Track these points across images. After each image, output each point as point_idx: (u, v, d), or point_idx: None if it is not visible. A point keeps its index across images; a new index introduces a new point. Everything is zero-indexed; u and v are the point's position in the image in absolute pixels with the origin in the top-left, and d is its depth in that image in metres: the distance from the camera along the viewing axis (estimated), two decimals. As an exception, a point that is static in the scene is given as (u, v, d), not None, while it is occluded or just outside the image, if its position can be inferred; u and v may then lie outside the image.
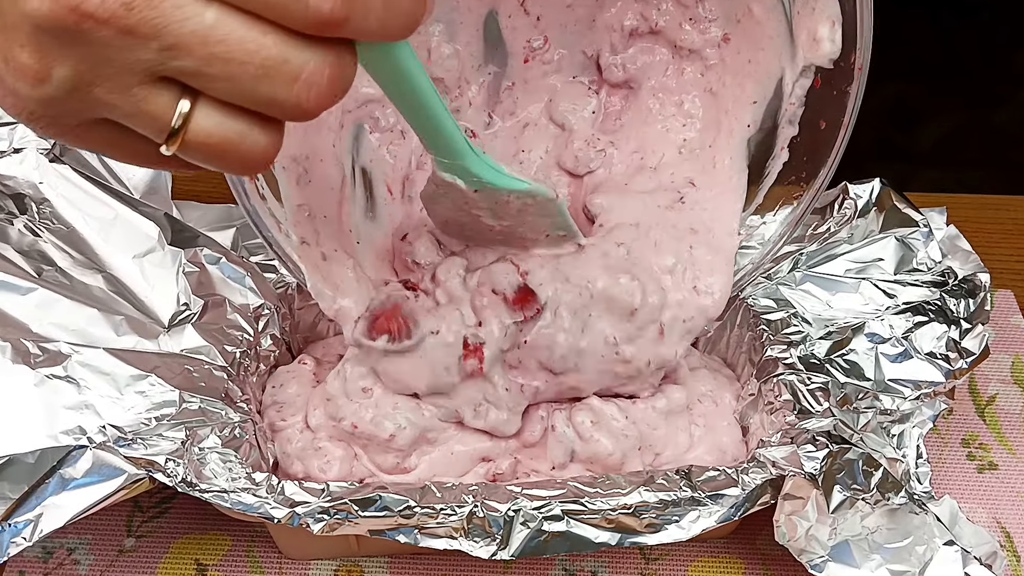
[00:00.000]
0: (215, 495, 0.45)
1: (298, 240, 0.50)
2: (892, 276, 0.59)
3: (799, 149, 0.52)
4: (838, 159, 0.50)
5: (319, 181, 0.51)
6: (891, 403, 0.54)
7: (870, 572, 0.48)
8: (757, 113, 0.52)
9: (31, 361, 0.48)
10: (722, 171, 0.54)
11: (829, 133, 0.50)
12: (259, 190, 0.48)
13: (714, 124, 0.54)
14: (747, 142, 0.53)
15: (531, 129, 0.57)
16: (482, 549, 0.46)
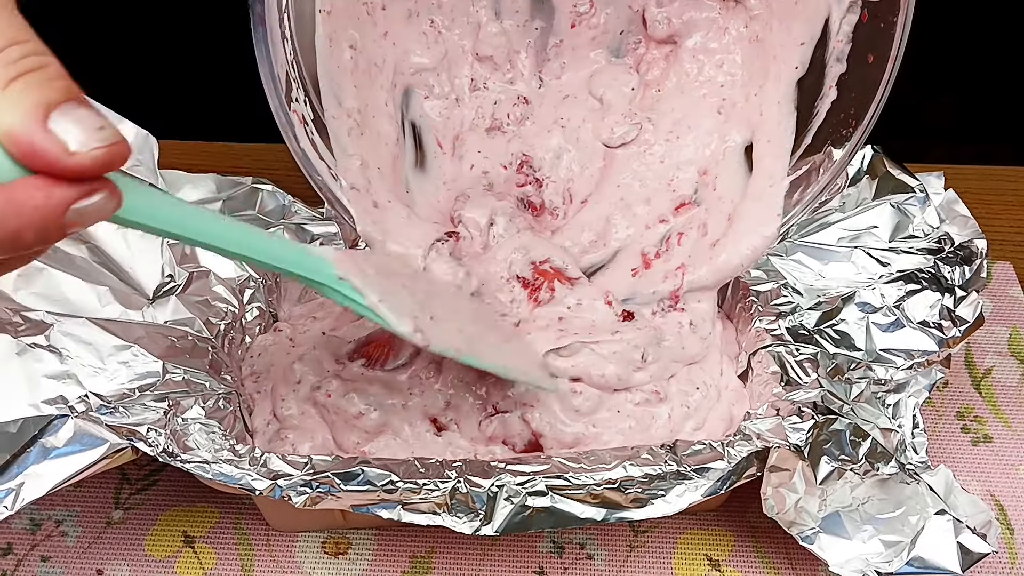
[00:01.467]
0: (196, 466, 0.45)
1: (348, 186, 0.49)
2: (887, 244, 0.58)
3: (847, 86, 0.51)
4: (887, 92, 0.50)
5: (372, 135, 0.51)
6: (884, 373, 0.53)
7: (862, 543, 0.48)
8: (805, 54, 0.52)
9: (12, 330, 0.48)
10: (770, 118, 0.54)
11: (877, 67, 0.50)
12: (309, 135, 0.48)
13: (760, 72, 0.54)
14: (795, 84, 0.53)
15: (571, 100, 0.57)
16: (465, 525, 0.45)
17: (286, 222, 0.58)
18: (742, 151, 0.55)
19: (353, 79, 0.50)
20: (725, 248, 0.53)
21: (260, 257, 0.40)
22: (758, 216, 0.53)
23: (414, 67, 0.54)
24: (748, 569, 0.54)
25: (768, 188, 0.53)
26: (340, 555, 0.53)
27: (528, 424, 0.51)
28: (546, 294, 0.53)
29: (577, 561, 0.54)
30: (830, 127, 0.52)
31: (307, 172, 0.48)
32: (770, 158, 0.53)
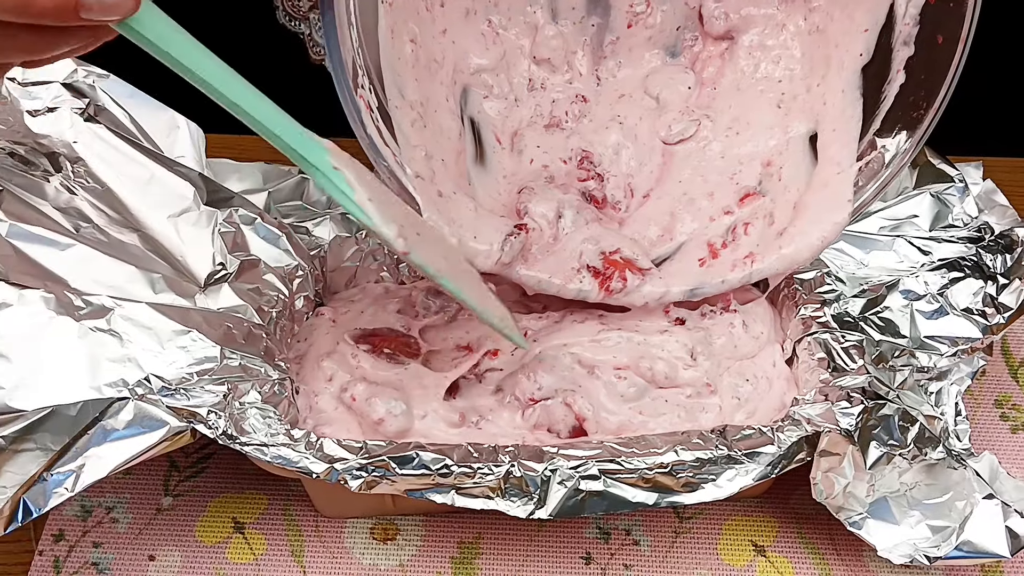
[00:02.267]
0: (255, 448, 0.46)
1: (413, 174, 0.49)
2: (927, 233, 0.59)
3: (916, 68, 0.51)
4: (959, 72, 0.50)
5: (435, 128, 0.52)
6: (928, 360, 0.54)
7: (910, 528, 0.49)
8: (869, 41, 0.52)
9: (75, 313, 0.48)
10: (834, 107, 0.54)
11: (947, 48, 0.49)
12: (374, 121, 0.48)
13: (822, 62, 0.54)
14: (859, 71, 0.53)
15: (627, 99, 0.58)
16: (519, 508, 0.46)
17: (332, 212, 0.59)
18: (806, 141, 0.55)
19: (414, 72, 0.50)
20: (793, 237, 0.53)
21: (258, 116, 0.39)
22: (827, 203, 0.53)
23: (473, 67, 0.55)
24: (793, 555, 0.54)
25: (836, 175, 0.53)
26: (388, 541, 0.54)
27: (571, 408, 0.52)
28: (618, 283, 0.53)
29: (624, 547, 0.54)
30: (899, 110, 0.52)
31: (373, 158, 0.48)
32: (836, 146, 0.53)
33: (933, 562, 0.48)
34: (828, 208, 0.53)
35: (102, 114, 0.56)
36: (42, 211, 0.52)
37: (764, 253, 0.54)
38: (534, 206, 0.54)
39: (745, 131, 0.56)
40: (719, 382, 0.53)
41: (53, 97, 0.55)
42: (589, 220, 0.55)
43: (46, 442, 0.45)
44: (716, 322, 0.55)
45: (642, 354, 0.53)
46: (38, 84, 0.55)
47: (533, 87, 0.57)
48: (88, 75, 0.56)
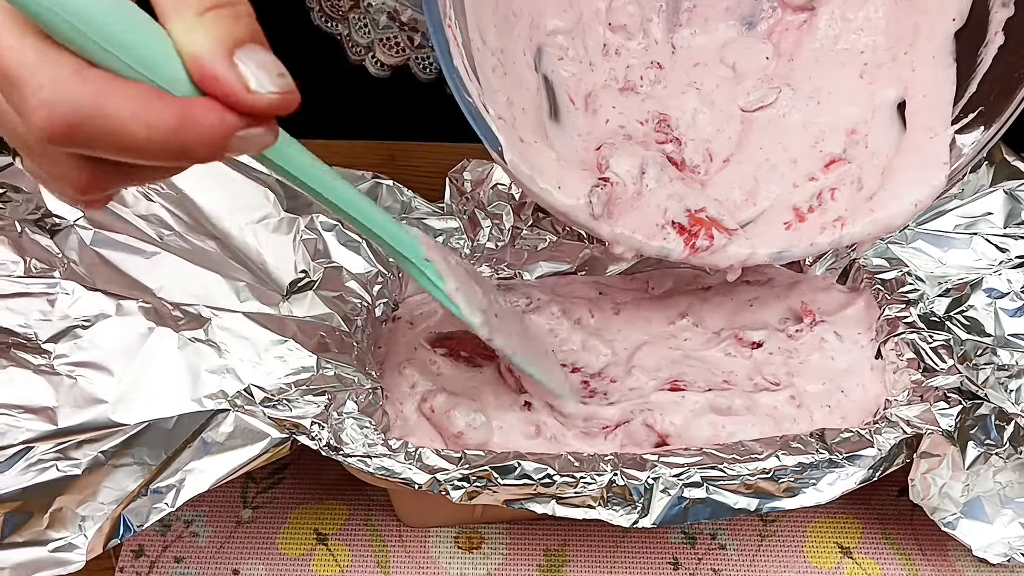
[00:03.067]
0: (359, 459, 0.45)
1: (496, 115, 0.48)
2: (1002, 230, 0.58)
3: (1018, 28, 0.50)
4: None
5: (515, 78, 0.51)
6: (1009, 358, 0.53)
7: (1003, 527, 0.48)
8: (963, 4, 0.51)
9: (174, 324, 0.48)
10: (924, 73, 0.52)
11: None
12: (463, 58, 0.46)
13: (910, 30, 0.53)
14: (952, 36, 0.52)
15: (702, 67, 0.56)
16: (622, 518, 0.45)
17: (408, 217, 0.58)
18: (894, 108, 0.53)
19: (494, 20, 0.49)
20: (885, 201, 0.52)
21: (369, 224, 0.42)
22: (920, 166, 0.51)
23: (549, 29, 0.53)
24: (879, 556, 0.54)
25: (929, 139, 0.52)
26: (474, 550, 0.53)
27: (652, 428, 0.51)
28: (704, 241, 0.52)
29: (710, 552, 0.54)
30: (998, 71, 0.50)
31: (458, 92, 0.46)
32: (928, 111, 0.52)
33: (1031, 561, 0.48)
34: (922, 171, 0.51)
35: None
36: (124, 218, 0.51)
37: (854, 217, 0.53)
38: (616, 161, 0.52)
39: (827, 100, 0.55)
40: (805, 396, 0.53)
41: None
42: (672, 178, 0.53)
43: (143, 456, 0.45)
44: (804, 341, 0.55)
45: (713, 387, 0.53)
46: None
47: (608, 52, 0.56)
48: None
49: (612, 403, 0.53)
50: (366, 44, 0.71)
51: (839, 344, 0.55)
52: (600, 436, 0.51)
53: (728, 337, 0.56)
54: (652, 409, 0.51)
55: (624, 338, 0.57)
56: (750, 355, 0.55)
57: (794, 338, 0.56)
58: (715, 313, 0.58)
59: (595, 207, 0.50)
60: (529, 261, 0.60)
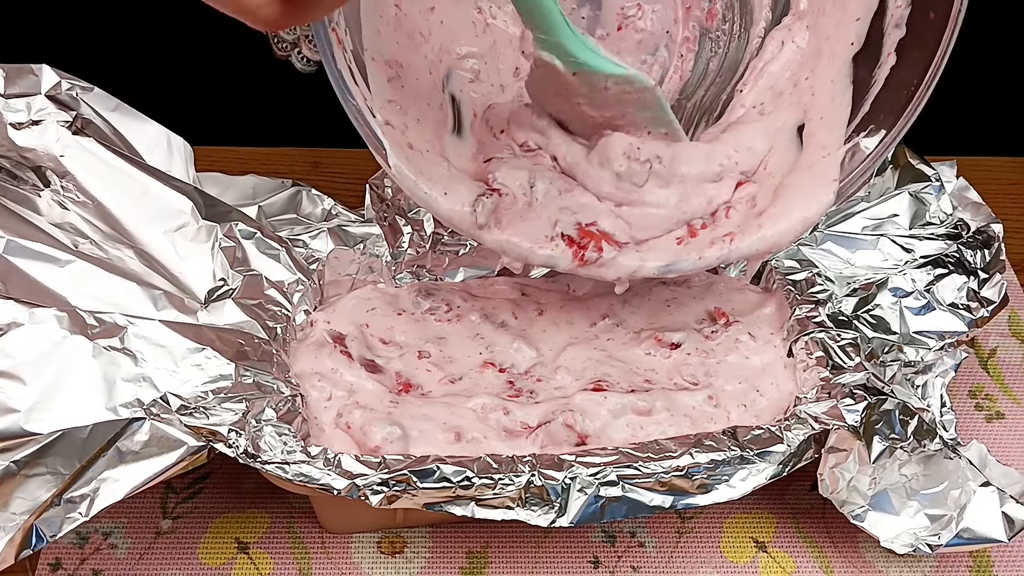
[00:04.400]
0: (277, 466, 0.45)
1: (383, 120, 0.48)
2: (907, 231, 0.61)
3: (907, 48, 0.52)
4: (951, 47, 0.50)
5: (414, 92, 0.51)
6: (915, 355, 0.55)
7: (909, 518, 0.50)
8: (861, 29, 0.53)
9: (88, 332, 0.47)
10: (822, 97, 0.54)
11: (939, 23, 0.50)
12: (347, 61, 0.47)
13: (812, 56, 0.54)
14: (850, 60, 0.53)
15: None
16: (540, 518, 0.46)
17: (327, 224, 0.58)
18: (794, 131, 0.55)
19: (396, 36, 0.50)
20: (775, 218, 0.53)
21: None
22: (811, 185, 0.53)
23: (461, 53, 0.54)
24: (793, 549, 0.55)
25: (821, 158, 0.53)
26: (397, 554, 0.54)
27: (572, 429, 0.52)
28: (593, 253, 0.52)
29: (630, 549, 0.55)
30: (890, 92, 0.52)
31: (341, 95, 0.47)
32: (823, 132, 0.54)
33: (935, 550, 0.49)
34: (812, 188, 0.53)
35: (89, 127, 0.54)
36: (39, 227, 0.51)
37: (744, 233, 0.54)
38: (503, 173, 0.53)
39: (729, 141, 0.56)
40: (722, 395, 0.54)
41: (37, 110, 0.54)
42: (563, 190, 0.54)
43: (56, 466, 0.44)
44: (720, 341, 0.56)
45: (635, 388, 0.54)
46: (21, 96, 0.54)
47: (519, 74, 0.57)
48: (72, 87, 0.55)
49: (538, 402, 0.53)
50: (292, 40, 0.71)
51: (753, 344, 0.57)
52: (522, 437, 0.52)
53: (648, 338, 0.57)
54: (572, 410, 0.52)
55: (549, 339, 0.58)
56: (669, 355, 0.57)
57: (711, 339, 0.57)
58: (635, 314, 0.59)
59: (479, 215, 0.51)
60: (451, 266, 0.60)
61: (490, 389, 0.54)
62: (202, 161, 0.58)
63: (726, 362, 0.56)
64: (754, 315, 0.58)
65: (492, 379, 0.55)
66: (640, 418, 0.52)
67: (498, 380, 0.55)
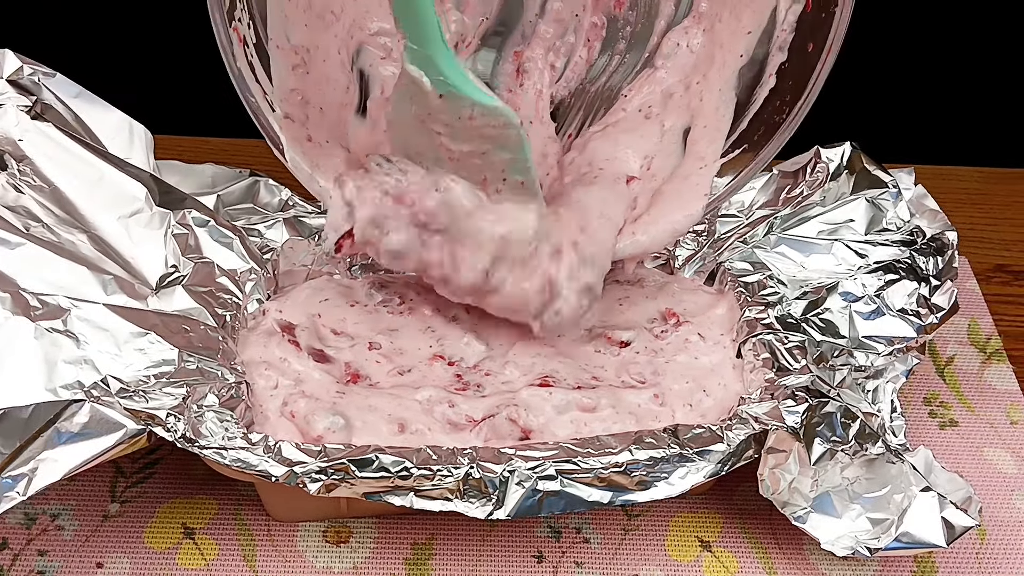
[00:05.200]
0: (214, 451, 0.45)
1: (282, 114, 0.49)
2: (863, 236, 0.61)
3: (786, 74, 0.53)
4: (821, 82, 0.52)
5: (319, 77, 0.51)
6: (865, 359, 0.56)
7: (851, 521, 0.50)
8: (751, 43, 0.54)
9: (31, 313, 0.48)
10: (709, 104, 0.55)
11: (815, 56, 0.52)
12: (248, 56, 0.48)
13: (706, 60, 0.55)
14: (738, 72, 0.54)
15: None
16: (478, 510, 0.46)
17: (283, 215, 0.58)
18: (681, 134, 0.56)
19: (305, 18, 0.50)
20: (647, 226, 0.55)
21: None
22: (684, 196, 0.55)
23: (373, 29, 0.54)
24: (737, 549, 0.55)
25: (698, 170, 0.55)
26: (342, 543, 0.54)
27: (516, 423, 0.52)
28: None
29: (574, 545, 0.55)
30: (765, 114, 0.54)
31: (241, 93, 0.48)
32: (704, 142, 0.55)
33: (874, 553, 0.50)
34: (684, 199, 0.55)
35: (49, 112, 0.55)
36: (-10, 209, 0.51)
37: (620, 235, 0.55)
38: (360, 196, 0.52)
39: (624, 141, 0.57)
40: (668, 394, 0.55)
41: (-3, 94, 0.54)
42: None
43: (-3, 445, 0.44)
44: (670, 341, 0.57)
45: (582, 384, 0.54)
46: (-21, 81, 0.54)
47: None
48: (34, 72, 0.55)
49: (484, 396, 0.54)
50: None
51: (703, 344, 0.57)
52: (466, 430, 0.52)
53: (599, 335, 0.58)
54: (517, 404, 0.53)
55: (500, 334, 0.58)
56: (619, 353, 0.57)
57: (660, 338, 0.57)
58: None
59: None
60: (406, 260, 0.61)
61: (438, 382, 0.54)
62: (170, 150, 0.59)
63: (675, 361, 0.56)
64: (705, 316, 0.58)
65: (440, 372, 0.55)
66: (584, 414, 0.53)
67: (446, 373, 0.55)
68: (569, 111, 0.58)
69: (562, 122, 0.59)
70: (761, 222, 0.61)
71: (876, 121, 0.78)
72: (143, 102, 0.60)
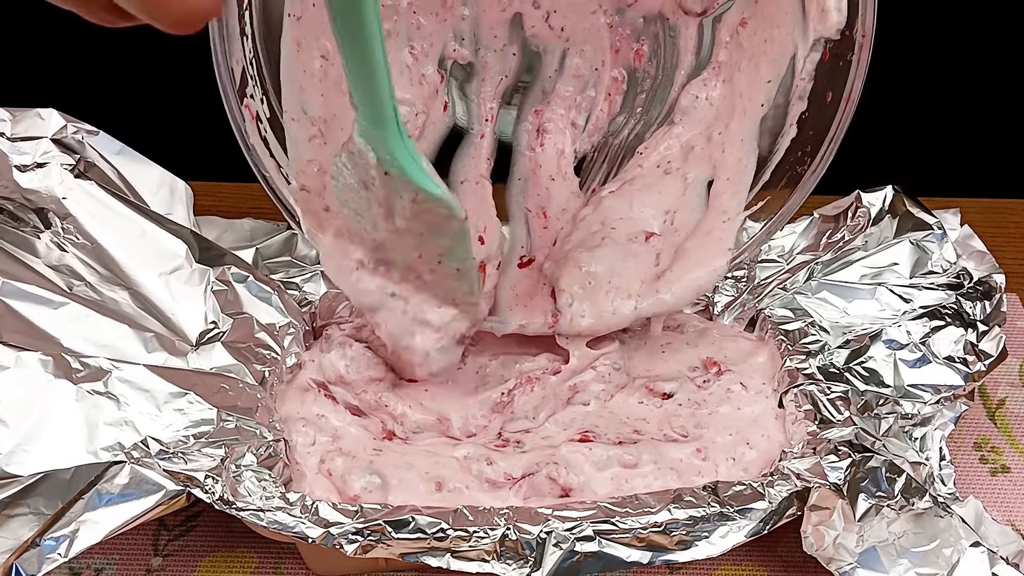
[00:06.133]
0: (251, 514, 0.46)
1: (299, 187, 0.49)
2: (908, 280, 0.60)
3: (806, 123, 0.53)
4: (842, 131, 0.52)
5: (336, 146, 0.50)
6: (912, 408, 0.54)
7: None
8: (770, 92, 0.53)
9: (73, 376, 0.48)
10: (731, 156, 0.55)
11: (834, 105, 0.51)
12: (261, 131, 0.48)
13: (727, 111, 0.55)
14: (759, 122, 0.54)
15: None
16: (515, 571, 0.46)
17: (320, 267, 0.59)
18: (703, 186, 0.56)
19: (321, 88, 0.49)
20: (671, 283, 0.54)
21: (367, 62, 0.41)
22: (707, 251, 0.54)
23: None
24: (782, 604, 0.55)
25: (721, 224, 0.54)
26: (381, 598, 0.54)
27: (556, 482, 0.52)
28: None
29: (616, 600, 0.54)
30: (787, 164, 0.54)
31: (255, 166, 0.48)
32: (727, 195, 0.55)
33: (923, 610, 0.49)
34: (708, 254, 0.54)
35: (92, 170, 0.56)
36: (34, 268, 0.52)
37: (643, 296, 0.55)
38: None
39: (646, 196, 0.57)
40: (711, 448, 0.54)
41: (42, 153, 0.55)
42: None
43: (39, 507, 0.45)
44: (712, 391, 0.56)
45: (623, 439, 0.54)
46: (27, 139, 0.55)
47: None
48: (77, 131, 0.56)
49: (524, 452, 0.53)
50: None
51: (745, 394, 0.56)
52: (505, 487, 0.52)
53: (640, 387, 0.57)
54: (557, 463, 0.52)
55: None
56: (661, 405, 0.56)
57: (703, 388, 0.57)
58: (631, 359, 0.59)
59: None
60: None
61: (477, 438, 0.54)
62: (211, 196, 0.59)
63: (718, 413, 0.56)
64: (746, 364, 0.57)
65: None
66: (626, 471, 0.52)
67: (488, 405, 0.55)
68: (592, 165, 0.58)
69: (585, 176, 0.58)
70: (802, 267, 0.60)
71: (919, 159, 0.77)
72: (183, 151, 0.61)
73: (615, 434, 0.54)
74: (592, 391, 0.56)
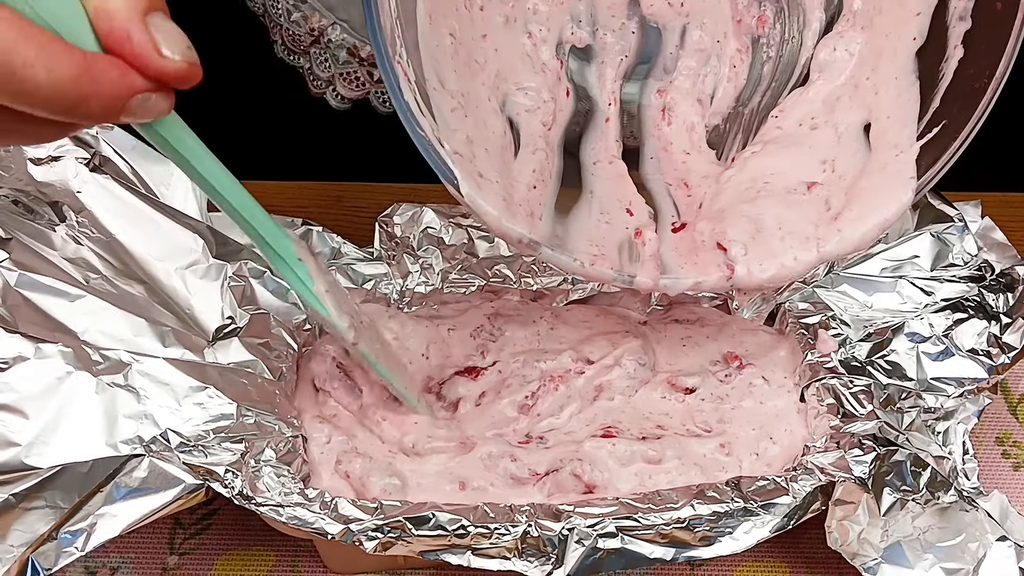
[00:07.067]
0: (271, 509, 0.45)
1: (452, 150, 0.47)
2: (929, 273, 0.59)
3: (975, 40, 0.50)
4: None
5: (478, 121, 0.50)
6: (935, 401, 0.54)
7: (924, 572, 0.49)
8: (923, 24, 0.51)
9: (93, 368, 0.48)
10: (887, 95, 0.52)
11: (1008, 11, 0.48)
12: (414, 94, 0.45)
13: (873, 55, 0.53)
14: (914, 55, 0.51)
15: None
16: (537, 569, 0.45)
17: (335, 263, 0.58)
18: (860, 131, 0.53)
19: (453, 64, 0.48)
20: (853, 222, 0.51)
21: (244, 213, 0.43)
22: (886, 186, 0.51)
23: (514, 84, 0.52)
24: (805, 600, 0.54)
25: (894, 157, 0.51)
26: (400, 595, 0.53)
27: (580, 479, 0.52)
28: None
29: (637, 596, 0.54)
30: (960, 85, 0.50)
31: (410, 127, 0.45)
32: (894, 131, 0.52)
33: (949, 605, 0.48)
34: (888, 188, 0.51)
35: (107, 165, 0.55)
36: (51, 261, 0.52)
37: (823, 238, 0.52)
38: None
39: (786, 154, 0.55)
40: (735, 443, 0.53)
41: (57, 146, 0.55)
42: None
43: (56, 500, 0.45)
44: (735, 385, 0.56)
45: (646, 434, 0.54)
46: (41, 134, 0.55)
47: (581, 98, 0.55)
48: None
49: (548, 447, 0.53)
50: (327, 78, 0.71)
51: (767, 388, 0.56)
52: (529, 484, 0.51)
53: (662, 381, 0.56)
54: (581, 459, 0.52)
55: None
56: (683, 400, 0.56)
57: (725, 382, 0.56)
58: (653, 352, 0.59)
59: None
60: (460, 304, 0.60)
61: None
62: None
63: (741, 407, 0.55)
64: (767, 357, 0.57)
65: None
66: (649, 467, 0.52)
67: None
68: (726, 136, 0.56)
69: (721, 147, 0.56)
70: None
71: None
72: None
73: (638, 429, 0.54)
74: (617, 388, 0.56)
